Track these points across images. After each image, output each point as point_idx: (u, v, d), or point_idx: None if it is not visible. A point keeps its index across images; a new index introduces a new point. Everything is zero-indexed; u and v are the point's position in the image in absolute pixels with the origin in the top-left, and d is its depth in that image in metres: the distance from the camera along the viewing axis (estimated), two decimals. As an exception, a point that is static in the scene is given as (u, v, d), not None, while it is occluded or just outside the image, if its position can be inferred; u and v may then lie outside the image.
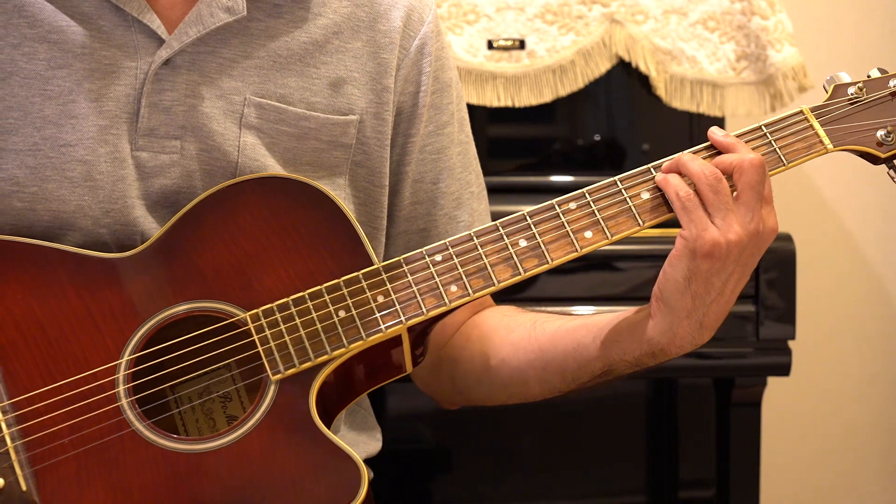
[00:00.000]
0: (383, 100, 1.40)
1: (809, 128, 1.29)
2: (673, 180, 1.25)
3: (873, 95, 1.30)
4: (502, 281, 1.25)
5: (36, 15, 1.29)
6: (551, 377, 1.38)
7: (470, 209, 1.49)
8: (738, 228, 1.22)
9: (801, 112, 1.30)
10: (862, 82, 1.30)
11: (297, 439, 1.21)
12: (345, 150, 1.38)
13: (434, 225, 1.46)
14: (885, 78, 1.31)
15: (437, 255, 1.27)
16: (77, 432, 1.19)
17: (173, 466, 1.19)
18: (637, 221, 1.27)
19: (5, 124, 1.28)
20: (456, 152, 1.47)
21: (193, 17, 1.31)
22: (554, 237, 1.27)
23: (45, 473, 1.18)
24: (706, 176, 1.22)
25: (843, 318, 2.76)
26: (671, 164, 1.27)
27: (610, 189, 1.28)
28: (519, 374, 1.40)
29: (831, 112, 1.30)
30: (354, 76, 1.38)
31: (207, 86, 1.32)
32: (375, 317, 1.24)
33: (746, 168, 1.23)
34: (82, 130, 1.29)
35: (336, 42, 1.38)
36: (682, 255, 1.22)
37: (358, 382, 1.29)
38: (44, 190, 1.28)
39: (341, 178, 1.38)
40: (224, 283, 1.25)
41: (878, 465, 2.81)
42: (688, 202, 1.23)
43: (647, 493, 2.46)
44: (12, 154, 1.28)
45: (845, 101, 1.30)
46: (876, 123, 1.29)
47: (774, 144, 1.28)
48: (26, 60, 1.28)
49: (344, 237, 1.28)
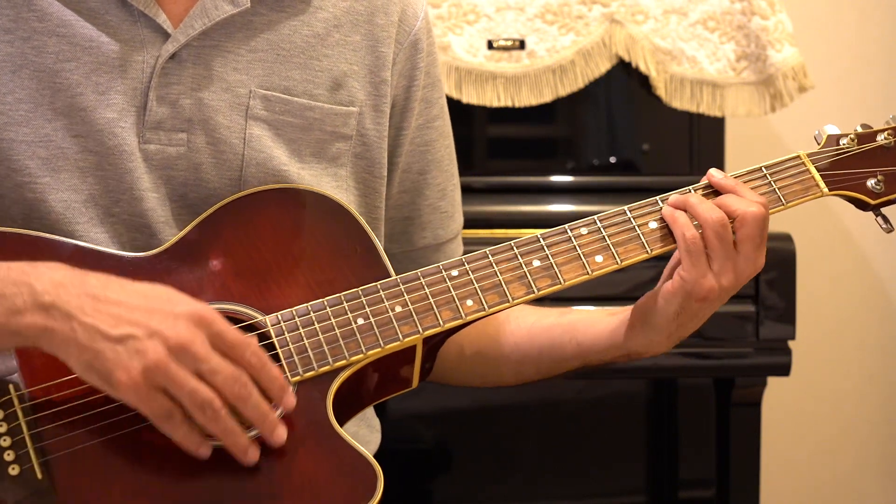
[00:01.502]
0: (381, 92, 1.42)
1: (806, 171, 1.35)
2: (680, 219, 1.30)
3: (864, 147, 1.37)
4: (517, 298, 1.29)
5: (45, 9, 1.31)
6: (526, 370, 1.46)
7: (452, 200, 1.53)
8: (733, 276, 1.29)
9: (799, 157, 1.36)
10: (853, 134, 1.38)
11: (314, 441, 1.22)
12: (346, 142, 1.40)
13: (418, 214, 1.50)
14: (872, 133, 1.38)
15: (454, 269, 1.29)
16: (94, 423, 1.20)
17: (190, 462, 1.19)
18: (646, 249, 1.32)
19: (16, 116, 1.29)
20: (444, 145, 1.51)
21: (199, 11, 1.33)
22: (566, 259, 1.31)
23: (61, 463, 1.18)
24: (714, 222, 1.28)
25: (843, 318, 2.76)
26: (678, 201, 1.31)
27: (619, 217, 1.32)
28: (495, 364, 1.46)
29: (826, 159, 1.37)
30: (354, 69, 1.40)
31: (213, 79, 1.34)
32: (393, 325, 1.26)
33: (749, 221, 1.28)
34: (91, 122, 1.30)
35: (336, 35, 1.40)
36: (678, 293, 1.30)
37: (367, 393, 1.31)
38: (56, 180, 1.29)
39: (343, 170, 1.40)
40: (243, 287, 1.27)
41: (878, 465, 2.81)
42: (692, 246, 1.28)
43: (647, 493, 2.46)
44: (24, 145, 1.29)
45: (838, 150, 1.38)
46: (867, 172, 1.36)
47: (774, 185, 1.34)
48: (36, 54, 1.30)
49: (362, 250, 1.31)
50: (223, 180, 1.33)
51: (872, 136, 1.38)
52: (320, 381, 1.24)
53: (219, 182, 1.33)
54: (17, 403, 1.20)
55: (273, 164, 1.34)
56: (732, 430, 2.17)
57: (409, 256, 1.50)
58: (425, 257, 1.51)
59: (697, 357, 2.10)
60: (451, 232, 1.53)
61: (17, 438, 1.19)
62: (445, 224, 1.52)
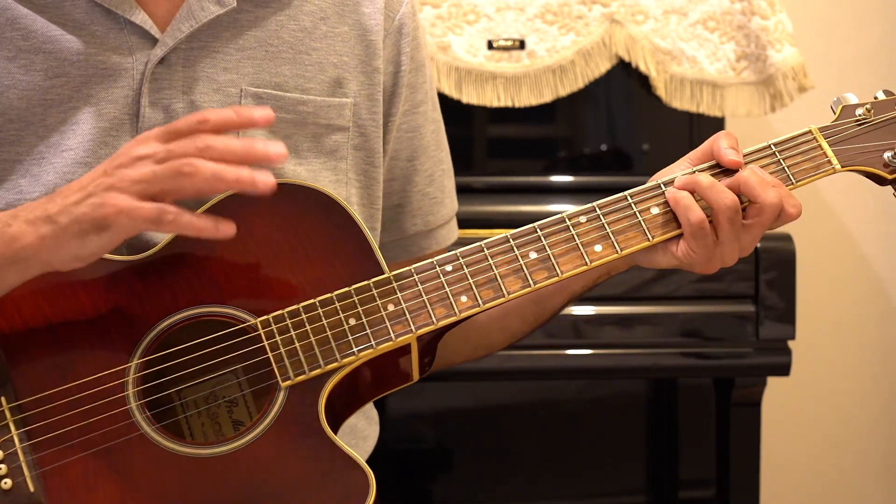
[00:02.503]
0: (374, 81, 1.42)
1: (818, 147, 1.30)
2: (684, 200, 1.26)
3: (881, 117, 1.31)
4: (512, 292, 1.26)
5: (29, 27, 1.30)
6: (511, 324, 1.43)
7: (441, 186, 1.51)
8: (738, 255, 1.27)
9: (810, 132, 1.31)
10: (870, 104, 1.31)
11: (306, 446, 1.21)
12: (343, 134, 1.39)
13: (408, 201, 1.49)
14: (892, 100, 1.32)
15: (448, 265, 1.27)
16: (86, 434, 1.19)
17: (182, 470, 1.19)
18: (647, 236, 1.27)
19: (7, 136, 1.29)
20: (430, 130, 1.49)
21: (185, 13, 1.32)
22: (564, 250, 1.27)
23: (53, 475, 1.18)
24: (727, 208, 1.24)
25: (843, 318, 2.76)
26: (687, 182, 1.27)
27: (620, 203, 1.29)
28: (479, 326, 1.42)
29: (839, 133, 1.30)
30: (345, 60, 1.40)
31: (203, 81, 1.33)
32: (385, 325, 1.24)
33: (768, 211, 1.24)
34: (83, 134, 1.29)
35: (324, 27, 1.40)
36: (682, 263, 1.28)
37: (365, 390, 1.30)
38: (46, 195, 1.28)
39: (342, 163, 1.40)
40: (235, 288, 1.26)
41: (878, 465, 2.81)
42: (699, 231, 1.25)
43: (647, 493, 2.46)
44: (16, 164, 1.29)
45: (853, 122, 1.31)
46: (883, 145, 1.29)
47: (784, 163, 1.29)
48: (23, 72, 1.29)
49: (355, 246, 1.29)
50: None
51: (891, 105, 1.31)
52: (312, 384, 1.23)
53: None
54: (10, 416, 1.20)
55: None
56: (732, 430, 2.17)
57: (399, 244, 1.50)
58: (416, 244, 1.50)
59: (697, 357, 2.10)
60: (441, 218, 1.52)
61: (9, 452, 1.18)
62: (435, 210, 1.51)
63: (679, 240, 1.28)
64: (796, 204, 1.26)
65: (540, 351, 2.07)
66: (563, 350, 2.08)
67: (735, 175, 1.26)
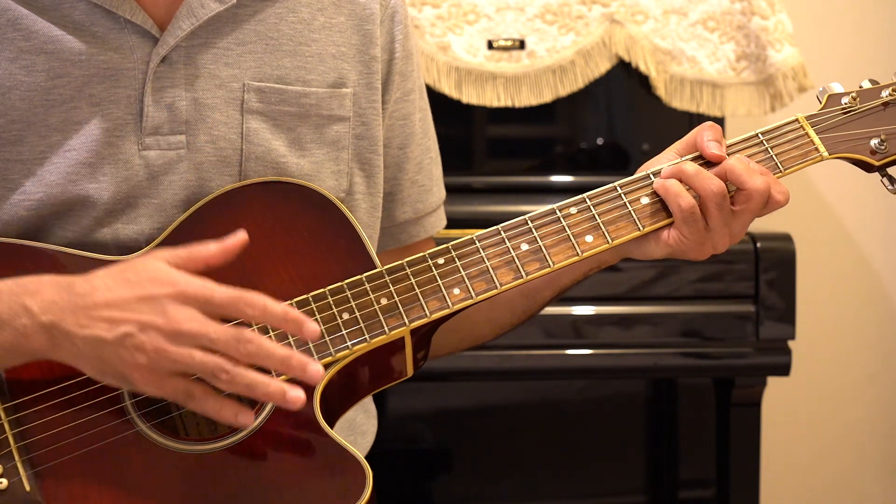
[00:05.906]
0: (372, 69, 1.42)
1: (805, 136, 1.31)
2: (674, 188, 1.27)
3: (866, 105, 1.32)
4: (504, 284, 1.27)
5: (30, 27, 1.30)
6: (500, 316, 1.44)
7: (429, 173, 1.52)
8: (728, 240, 1.28)
9: (797, 120, 1.32)
10: (855, 92, 1.32)
11: (302, 440, 1.21)
12: (344, 124, 1.40)
13: (399, 189, 1.49)
14: (876, 88, 1.33)
15: (440, 258, 1.28)
16: (81, 433, 1.20)
17: (178, 467, 1.19)
18: (637, 226, 1.28)
19: (9, 136, 1.29)
20: (418, 118, 1.50)
21: (185, 11, 1.33)
22: (555, 241, 1.28)
23: (49, 474, 1.18)
24: (714, 194, 1.26)
25: (843, 318, 2.76)
26: (673, 171, 1.29)
27: (610, 194, 1.30)
28: (468, 318, 1.41)
29: (825, 121, 1.32)
30: (343, 50, 1.40)
31: (205, 77, 1.33)
32: (379, 319, 1.25)
33: (756, 197, 1.26)
34: (86, 135, 1.29)
35: (321, 18, 1.40)
36: (673, 251, 1.29)
37: (361, 385, 1.30)
38: (49, 196, 1.29)
39: (345, 153, 1.40)
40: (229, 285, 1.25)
41: (878, 465, 2.81)
42: (689, 216, 1.27)
43: (647, 493, 2.46)
44: (19, 164, 1.29)
45: (839, 110, 1.33)
46: (869, 132, 1.31)
47: (771, 152, 1.31)
48: (25, 73, 1.29)
49: (347, 240, 1.30)
50: (224, 177, 1.33)
51: (876, 93, 1.32)
52: None
53: (220, 180, 1.33)
54: (4, 416, 1.20)
55: (272, 157, 1.34)
56: (732, 430, 2.17)
57: (389, 232, 1.50)
58: (406, 231, 1.51)
59: (697, 357, 2.10)
60: (429, 205, 1.52)
61: (4, 451, 1.18)
62: (424, 198, 1.51)
63: (670, 228, 1.29)
64: (783, 191, 1.28)
65: (540, 351, 2.07)
66: (562, 350, 2.09)
67: (721, 164, 1.28)
